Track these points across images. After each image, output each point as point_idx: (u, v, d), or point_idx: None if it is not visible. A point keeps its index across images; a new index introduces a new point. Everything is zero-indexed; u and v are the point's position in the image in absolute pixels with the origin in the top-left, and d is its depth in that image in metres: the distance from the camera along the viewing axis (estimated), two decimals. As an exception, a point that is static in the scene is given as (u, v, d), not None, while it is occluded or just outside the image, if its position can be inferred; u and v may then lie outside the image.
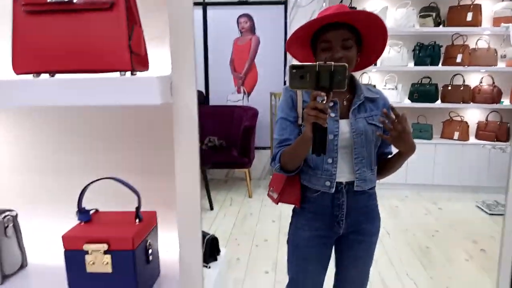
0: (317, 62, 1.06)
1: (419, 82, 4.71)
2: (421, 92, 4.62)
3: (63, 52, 0.64)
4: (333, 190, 1.38)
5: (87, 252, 0.72)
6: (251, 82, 5.04)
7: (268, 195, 1.56)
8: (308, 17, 4.65)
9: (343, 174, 1.39)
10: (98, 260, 0.72)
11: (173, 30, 0.64)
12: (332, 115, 1.37)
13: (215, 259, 2.28)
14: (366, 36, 1.37)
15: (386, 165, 1.51)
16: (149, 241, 0.78)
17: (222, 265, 2.38)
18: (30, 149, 0.97)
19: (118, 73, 0.64)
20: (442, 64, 4.59)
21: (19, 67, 0.65)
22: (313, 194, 1.42)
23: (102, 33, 0.63)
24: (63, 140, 0.95)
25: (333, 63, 1.06)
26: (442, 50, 4.57)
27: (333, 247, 1.54)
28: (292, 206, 1.53)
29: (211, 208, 4.09)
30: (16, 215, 0.86)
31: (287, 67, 1.09)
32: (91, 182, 0.77)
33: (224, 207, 4.16)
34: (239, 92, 5.06)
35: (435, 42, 4.53)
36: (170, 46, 0.64)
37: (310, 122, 1.14)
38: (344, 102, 1.41)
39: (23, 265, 0.89)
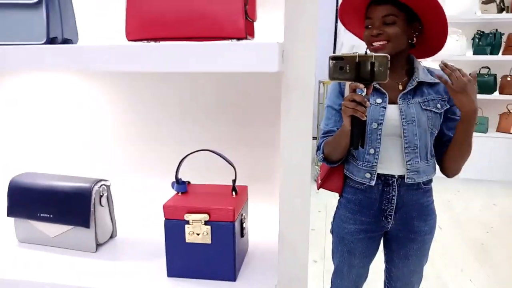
0: (357, 53, 1.01)
1: (478, 72, 4.47)
2: (479, 82, 4.39)
3: (175, 18, 0.63)
4: (373, 182, 1.31)
5: (187, 222, 0.71)
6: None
7: (316, 179, 1.53)
8: None
9: (392, 165, 1.31)
10: (198, 231, 0.71)
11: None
12: (379, 101, 1.29)
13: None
14: (423, 17, 1.29)
15: (453, 147, 1.34)
16: (243, 214, 0.77)
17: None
18: (127, 118, 0.98)
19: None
20: (503, 53, 4.34)
21: (131, 33, 0.65)
22: (359, 185, 1.36)
23: (217, -1, 0.61)
24: (151, 112, 0.96)
25: (374, 54, 1.01)
26: (504, 38, 4.31)
27: (382, 240, 1.48)
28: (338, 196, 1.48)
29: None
30: (110, 185, 0.87)
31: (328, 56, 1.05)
32: (189, 154, 0.76)
33: (269, 195, 4.15)
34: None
35: (496, 30, 4.28)
36: (285, 5, 0.61)
37: (348, 115, 1.10)
38: (400, 86, 1.32)
39: (112, 235, 0.91)
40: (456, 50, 4.33)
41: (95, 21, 0.90)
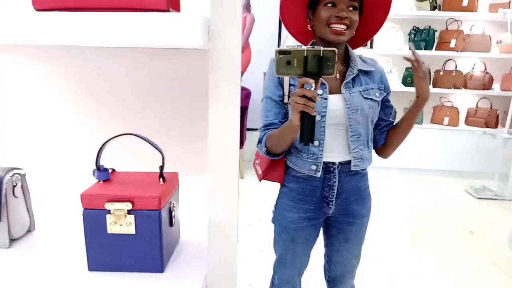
0: (305, 47, 0.99)
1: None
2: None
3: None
4: (319, 174, 1.32)
5: (108, 212, 0.66)
6: (245, 62, 4.95)
7: (254, 166, 1.50)
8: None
9: (335, 154, 1.32)
10: (121, 221, 0.66)
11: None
12: (320, 92, 1.27)
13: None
14: (369, 4, 1.30)
15: (397, 132, 1.41)
16: (172, 202, 0.73)
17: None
18: (42, 102, 0.90)
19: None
20: (436, 49, 4.59)
21: (38, 1, 0.58)
22: (302, 175, 1.36)
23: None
24: (73, 95, 0.88)
25: (321, 48, 0.99)
26: (437, 35, 4.57)
27: (322, 227, 1.50)
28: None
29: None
30: (25, 174, 0.79)
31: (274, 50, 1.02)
32: (111, 138, 0.71)
33: (215, 187, 4.11)
34: (231, 71, 4.98)
35: (430, 27, 4.52)
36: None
37: (298, 110, 1.08)
38: (337, 75, 1.32)
39: (30, 229, 0.83)
40: (394, 45, 4.52)
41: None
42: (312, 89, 1.03)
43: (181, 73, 0.84)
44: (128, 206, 0.66)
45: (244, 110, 4.43)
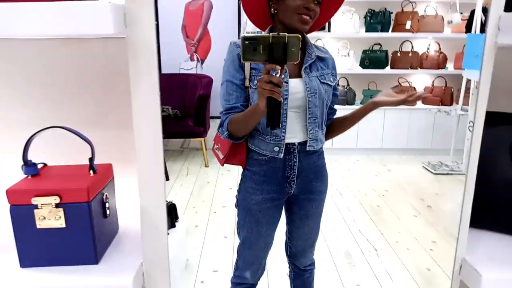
0: (271, 34, 1.02)
1: (370, 48, 4.80)
2: (372, 58, 4.73)
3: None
4: (282, 155, 1.35)
5: (36, 207, 0.65)
6: (205, 49, 4.90)
7: (214, 151, 1.52)
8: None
9: (294, 135, 1.36)
10: (50, 215, 0.65)
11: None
12: (281, 76, 1.32)
13: (174, 226, 2.25)
14: None
15: (342, 124, 1.51)
16: (105, 194, 0.73)
17: (181, 232, 2.35)
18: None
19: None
20: (392, 31, 4.70)
21: None
22: (263, 157, 1.39)
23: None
24: (1, 89, 0.85)
25: (286, 34, 1.01)
26: (393, 17, 4.67)
27: (284, 206, 1.54)
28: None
29: (167, 179, 4.00)
30: (-50, 173, 0.77)
31: (240, 37, 1.04)
32: (37, 132, 0.69)
33: (181, 177, 4.09)
34: (192, 59, 4.91)
35: (385, 9, 4.61)
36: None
37: (265, 96, 1.10)
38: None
39: (-38, 230, 0.80)
40: (351, 28, 4.59)
41: None
42: (278, 75, 1.06)
43: (103, 62, 0.83)
44: (56, 199, 0.65)
45: (205, 98, 4.40)
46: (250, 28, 4.57)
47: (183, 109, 4.45)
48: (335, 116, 1.54)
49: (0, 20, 0.53)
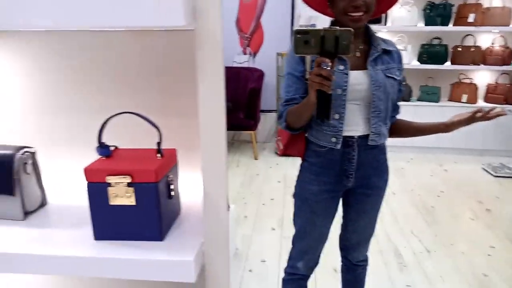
0: (323, 27, 1.04)
1: (429, 43, 4.60)
2: (431, 53, 4.53)
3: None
4: (339, 146, 1.36)
5: (109, 185, 0.71)
6: (257, 43, 4.94)
7: (276, 143, 1.57)
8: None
9: (355, 128, 1.36)
10: (122, 193, 0.71)
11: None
12: (341, 68, 1.31)
13: (224, 215, 2.32)
14: None
15: (407, 131, 1.51)
16: (170, 176, 0.78)
17: (231, 221, 2.42)
18: (43, 87, 0.95)
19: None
20: (454, 24, 4.47)
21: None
22: (321, 149, 1.40)
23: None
24: (77, 78, 0.93)
25: (338, 28, 1.03)
26: (454, 9, 4.44)
27: (341, 199, 1.54)
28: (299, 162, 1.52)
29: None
30: (35, 152, 0.85)
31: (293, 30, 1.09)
32: (111, 116, 0.75)
33: (231, 169, 4.18)
34: (245, 53, 4.98)
35: (446, 1, 4.39)
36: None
37: (315, 89, 1.12)
38: (357, 53, 1.36)
39: (43, 204, 0.89)
40: (408, 21, 4.42)
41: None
42: (329, 68, 1.07)
43: (169, 53, 0.87)
44: (128, 179, 0.71)
45: (256, 91, 4.45)
46: (303, 21, 4.55)
47: (235, 102, 4.53)
48: (398, 116, 1.51)
49: (77, 12, 0.59)
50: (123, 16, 0.58)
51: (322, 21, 1.51)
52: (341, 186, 1.45)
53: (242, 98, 4.53)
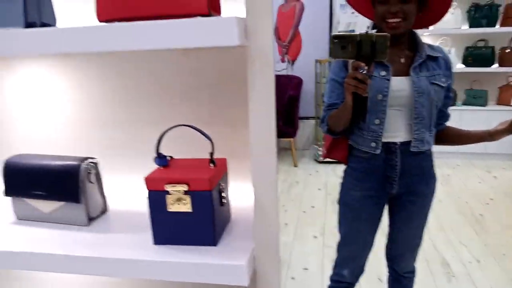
0: (359, 32, 1.07)
1: (474, 45, 4.44)
2: (476, 56, 4.38)
3: (143, -1, 0.66)
4: (379, 151, 1.36)
5: (168, 192, 0.76)
6: (296, 50, 4.97)
7: (322, 149, 1.59)
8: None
9: (396, 134, 1.36)
10: (179, 200, 0.76)
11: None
12: (383, 73, 1.32)
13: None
14: None
15: (454, 140, 1.49)
16: (222, 184, 0.82)
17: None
18: (105, 102, 1.03)
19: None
20: (500, 25, 4.30)
21: (102, 14, 0.68)
22: (363, 154, 1.41)
23: (180, -22, 0.65)
24: (135, 94, 1.00)
25: (374, 33, 1.06)
26: (501, 10, 4.27)
27: (386, 206, 1.53)
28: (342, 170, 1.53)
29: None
30: (98, 162, 0.92)
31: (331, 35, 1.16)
32: (168, 129, 0.81)
33: (270, 176, 4.21)
34: (283, 61, 5.02)
35: (493, 1, 4.23)
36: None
37: (350, 91, 1.17)
38: (402, 59, 1.36)
39: (104, 210, 0.96)
40: (452, 23, 4.30)
41: (67, 3, 0.94)
42: (365, 72, 1.11)
43: (222, 68, 0.92)
44: (184, 187, 0.76)
45: (295, 98, 4.47)
46: (342, 28, 4.54)
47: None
48: (447, 123, 1.49)
49: (142, 35, 0.64)
50: (182, 38, 0.63)
51: (361, 28, 1.53)
52: (385, 192, 1.44)
53: (281, 105, 4.57)
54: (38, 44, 0.68)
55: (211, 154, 0.81)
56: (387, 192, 1.44)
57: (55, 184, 0.88)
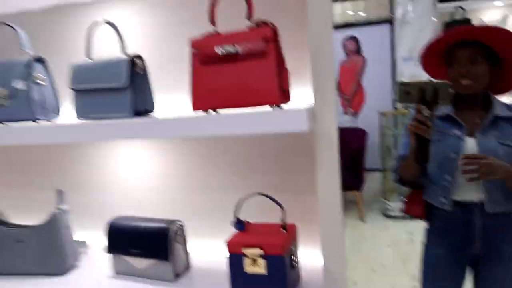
0: (423, 80, 1.19)
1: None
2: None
3: (228, 92, 0.80)
4: (448, 207, 1.37)
5: (245, 255, 0.86)
6: (358, 103, 5.04)
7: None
8: (416, 34, 4.57)
9: (469, 194, 1.36)
10: (254, 262, 0.86)
11: (315, 65, 0.77)
12: (458, 133, 1.37)
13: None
14: (503, 54, 1.35)
15: None
16: (292, 248, 0.90)
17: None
18: (190, 171, 1.18)
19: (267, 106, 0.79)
20: None
21: (196, 105, 0.84)
22: (441, 212, 1.41)
23: (258, 75, 0.78)
24: (215, 164, 1.14)
25: (436, 81, 1.16)
26: None
27: (469, 266, 1.49)
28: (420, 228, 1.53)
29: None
30: (183, 225, 1.06)
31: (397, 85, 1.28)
32: (247, 197, 0.92)
33: (336, 230, 4.15)
34: (346, 113, 5.10)
35: None
36: (312, 78, 0.77)
37: (412, 132, 1.25)
38: (476, 119, 1.39)
39: (187, 267, 1.08)
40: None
41: (163, 93, 1.13)
42: (427, 115, 1.22)
43: (291, 142, 1.04)
44: (260, 251, 0.85)
45: (360, 151, 4.47)
46: (405, 79, 4.55)
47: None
48: None
49: (228, 123, 0.78)
50: (261, 125, 0.76)
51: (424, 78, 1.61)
52: (466, 252, 1.41)
53: (346, 157, 4.57)
54: (145, 131, 0.85)
55: (283, 220, 0.90)
56: (469, 252, 1.41)
57: (148, 244, 1.02)
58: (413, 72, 4.50)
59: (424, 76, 1.54)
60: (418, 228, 3.91)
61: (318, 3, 0.77)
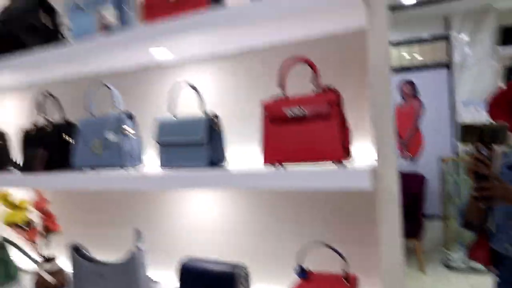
0: (483, 122, 1.26)
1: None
2: None
3: (295, 149, 0.89)
4: None
5: (309, 304, 0.91)
6: (416, 147, 4.93)
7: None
8: (475, 78, 4.50)
9: None
10: (317, 311, 0.90)
11: (377, 127, 0.84)
12: None
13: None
14: None
15: None
16: (355, 299, 0.94)
17: None
18: (255, 216, 1.26)
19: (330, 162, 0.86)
20: None
21: (267, 159, 0.93)
22: (506, 261, 1.37)
23: (323, 135, 0.86)
24: (279, 214, 1.22)
25: (494, 122, 1.25)
26: None
27: None
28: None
29: (380, 279, 3.97)
30: (247, 268, 1.13)
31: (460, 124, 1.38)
32: (310, 246, 0.98)
33: (394, 279, 3.97)
34: (403, 157, 4.99)
35: None
36: (374, 139, 0.83)
37: (471, 170, 1.29)
38: None
39: (249, 312, 1.14)
40: None
41: (235, 145, 1.24)
42: (486, 154, 1.27)
43: (352, 196, 1.09)
44: (323, 301, 0.90)
45: (418, 196, 4.32)
46: (468, 120, 4.43)
47: (395, 208, 4.45)
48: None
49: (295, 178, 0.86)
50: (325, 182, 0.83)
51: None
52: None
53: (403, 203, 4.44)
54: (220, 182, 0.95)
55: (345, 271, 0.95)
56: None
57: (218, 286, 1.09)
58: (473, 116, 4.38)
59: (484, 119, 1.57)
60: (481, 282, 3.64)
61: (379, 70, 0.85)
